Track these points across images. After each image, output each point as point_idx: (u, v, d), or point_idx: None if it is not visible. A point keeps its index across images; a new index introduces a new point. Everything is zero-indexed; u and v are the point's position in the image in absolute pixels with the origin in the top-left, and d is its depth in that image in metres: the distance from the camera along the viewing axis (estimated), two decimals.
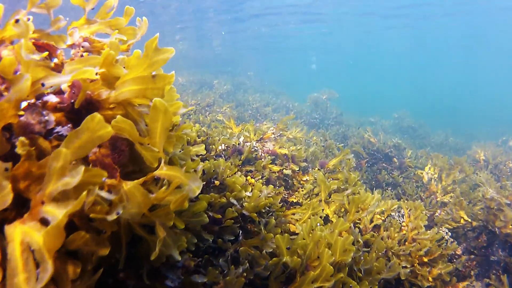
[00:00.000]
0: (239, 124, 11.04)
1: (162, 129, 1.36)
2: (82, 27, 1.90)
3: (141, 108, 1.63)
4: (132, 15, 2.02)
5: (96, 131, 1.15)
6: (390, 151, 8.98)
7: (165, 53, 1.46)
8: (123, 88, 1.43)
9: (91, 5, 1.91)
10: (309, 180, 4.90)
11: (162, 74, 1.42)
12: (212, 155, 5.05)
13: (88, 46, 1.84)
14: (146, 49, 1.42)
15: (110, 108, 1.57)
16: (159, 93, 1.44)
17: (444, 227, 5.96)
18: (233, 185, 3.08)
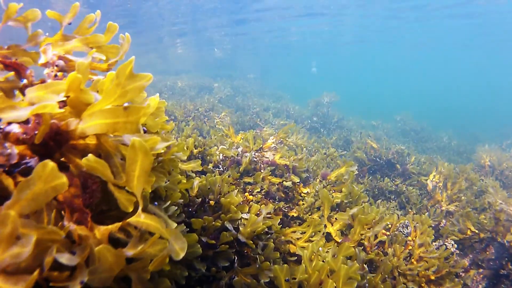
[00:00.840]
0: (239, 131, 10.88)
1: (141, 172, 1.17)
2: (57, 43, 1.71)
3: (118, 137, 1.44)
4: (115, 32, 1.83)
5: (49, 182, 0.96)
6: (393, 157, 8.77)
7: (141, 80, 1.27)
8: (90, 122, 1.24)
9: (67, 20, 1.72)
10: (310, 193, 4.70)
11: (135, 106, 1.23)
12: (210, 168, 4.86)
13: (62, 65, 1.65)
14: (118, 75, 1.23)
15: (82, 137, 1.38)
16: (132, 127, 1.24)
17: (450, 238, 5.77)
18: (229, 206, 2.89)
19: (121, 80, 1.24)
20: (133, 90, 1.26)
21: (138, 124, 1.24)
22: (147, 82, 1.28)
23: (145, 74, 1.28)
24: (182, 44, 33.32)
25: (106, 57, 1.86)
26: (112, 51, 1.84)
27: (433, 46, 40.88)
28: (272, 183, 4.73)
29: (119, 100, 1.25)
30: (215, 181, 3.15)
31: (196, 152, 4.86)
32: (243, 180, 4.74)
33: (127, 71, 1.23)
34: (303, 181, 5.18)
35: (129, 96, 1.26)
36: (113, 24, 1.79)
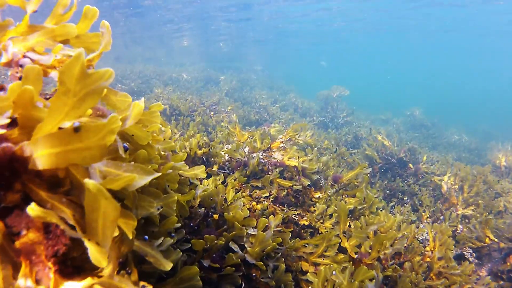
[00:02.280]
0: (245, 125, 10.58)
1: (106, 222, 0.87)
2: (19, 37, 1.40)
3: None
4: (95, 19, 1.52)
5: None
6: (405, 155, 8.43)
7: (98, 80, 0.95)
8: (36, 153, 0.94)
9: (33, 6, 1.41)
10: (322, 198, 4.40)
11: (91, 125, 0.91)
12: (215, 170, 4.58)
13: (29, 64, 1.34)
14: (64, 80, 0.91)
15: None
16: (93, 155, 0.93)
17: (468, 246, 5.46)
18: (233, 221, 2.60)
19: (70, 85, 0.92)
20: (90, 97, 0.95)
21: (102, 149, 0.94)
22: (108, 81, 0.97)
23: (103, 70, 0.96)
24: (188, 35, 32.89)
25: (88, 51, 1.55)
26: (93, 40, 1.53)
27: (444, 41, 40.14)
28: (281, 187, 4.44)
29: (71, 115, 0.94)
30: (218, 192, 2.86)
31: (200, 153, 4.57)
32: (250, 183, 4.46)
33: (75, 71, 0.92)
34: (314, 183, 4.88)
35: (85, 107, 0.95)
36: (91, 8, 1.48)
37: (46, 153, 0.94)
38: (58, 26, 1.41)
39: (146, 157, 1.48)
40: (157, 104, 2.02)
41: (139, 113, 1.34)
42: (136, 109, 1.34)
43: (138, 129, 1.46)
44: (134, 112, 1.33)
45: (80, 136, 0.93)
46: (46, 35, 1.40)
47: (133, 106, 1.34)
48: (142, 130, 1.47)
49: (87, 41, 1.52)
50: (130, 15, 24.08)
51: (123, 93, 1.45)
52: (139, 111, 1.33)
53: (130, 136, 1.47)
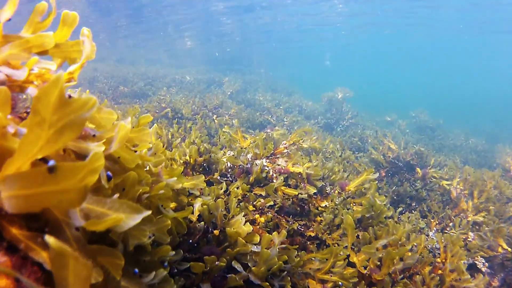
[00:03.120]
0: (249, 128, 10.41)
1: (77, 281, 0.71)
2: None
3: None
4: (75, 25, 1.35)
5: None
6: (412, 159, 8.24)
7: (80, 110, 0.80)
8: (3, 192, 0.77)
9: (6, 14, 1.25)
10: (329, 207, 4.22)
11: (68, 165, 0.75)
12: (216, 177, 4.40)
13: (3, 80, 1.19)
14: (38, 110, 0.76)
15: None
16: (69, 199, 0.77)
17: (480, 255, 5.26)
18: (236, 237, 2.42)
19: (46, 115, 0.76)
20: (69, 130, 0.79)
21: (82, 192, 0.77)
22: (89, 110, 0.81)
23: (85, 98, 0.80)
24: (190, 36, 32.77)
25: (69, 61, 1.38)
26: (74, 49, 1.36)
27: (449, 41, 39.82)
28: (285, 195, 4.26)
29: (46, 150, 0.78)
30: (218, 206, 2.68)
31: (200, 160, 4.40)
32: (253, 192, 4.28)
33: (52, 99, 0.76)
34: (319, 190, 4.70)
35: (63, 140, 0.79)
36: (71, 13, 1.31)
37: (15, 195, 0.78)
38: (33, 36, 1.25)
39: (135, 180, 1.32)
40: (146, 116, 1.86)
41: (125, 136, 1.17)
42: (122, 131, 1.17)
43: (125, 151, 1.29)
44: (120, 134, 1.17)
45: (56, 177, 0.77)
46: (20, 46, 1.23)
47: (119, 128, 1.18)
48: (130, 152, 1.30)
49: (68, 50, 1.35)
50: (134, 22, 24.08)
51: (107, 110, 1.29)
52: (125, 133, 1.17)
53: (116, 158, 1.30)
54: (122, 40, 33.71)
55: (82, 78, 15.04)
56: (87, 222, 0.86)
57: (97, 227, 0.87)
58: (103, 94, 12.18)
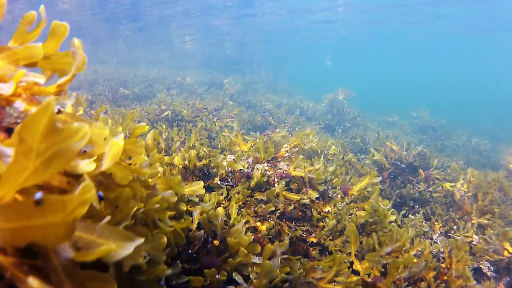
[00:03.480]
0: (250, 130, 10.33)
1: None
2: None
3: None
4: (65, 36, 1.28)
5: None
6: (415, 160, 8.15)
7: (70, 139, 0.73)
8: None
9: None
10: (331, 212, 4.14)
11: (60, 198, 0.69)
12: (216, 182, 4.33)
13: None
14: (25, 138, 0.69)
15: None
16: (57, 234, 0.71)
17: (485, 259, 5.18)
18: (237, 247, 2.35)
19: (33, 143, 0.70)
20: (57, 160, 0.72)
21: (70, 226, 0.71)
22: (82, 140, 0.74)
23: (77, 126, 0.74)
24: (191, 38, 32.71)
25: (59, 73, 1.31)
26: (65, 61, 1.29)
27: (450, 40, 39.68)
28: (287, 200, 4.19)
29: (32, 181, 0.71)
30: (217, 215, 2.61)
31: (200, 165, 4.33)
32: (254, 197, 4.21)
33: (40, 127, 0.69)
34: (321, 193, 4.63)
35: (50, 171, 0.72)
36: (61, 24, 1.24)
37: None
38: (21, 48, 1.18)
39: (129, 196, 1.25)
40: (141, 125, 1.79)
41: (118, 154, 1.10)
42: (114, 149, 1.10)
43: (118, 168, 1.22)
44: (112, 152, 1.10)
45: (43, 210, 0.71)
46: (7, 58, 1.16)
47: (111, 145, 1.11)
48: (122, 169, 1.23)
49: (58, 61, 1.28)
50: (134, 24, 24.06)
51: (99, 124, 1.22)
52: (117, 151, 1.10)
53: (108, 174, 1.23)
54: (123, 42, 33.68)
55: (82, 80, 15.00)
56: (75, 254, 0.80)
57: (86, 258, 0.81)
58: (103, 96, 12.11)
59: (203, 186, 4.37)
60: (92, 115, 8.33)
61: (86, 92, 12.19)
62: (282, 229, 3.68)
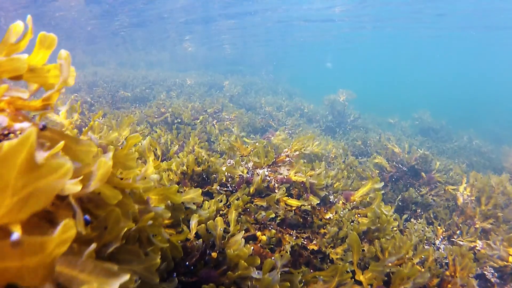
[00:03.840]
0: (250, 133, 10.26)
1: None
2: None
3: None
4: (53, 47, 1.20)
5: None
6: (417, 163, 8.07)
7: (50, 175, 0.65)
8: None
9: None
10: (333, 219, 4.06)
11: (38, 240, 0.61)
12: (215, 188, 4.25)
13: None
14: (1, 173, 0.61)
15: None
16: (35, 276, 0.63)
17: (489, 265, 5.09)
18: (237, 260, 2.27)
19: (9, 179, 0.62)
20: (36, 198, 0.65)
21: (49, 269, 0.63)
22: (64, 178, 0.67)
23: (58, 162, 0.66)
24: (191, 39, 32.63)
25: (46, 87, 1.24)
26: (52, 74, 1.21)
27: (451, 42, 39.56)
28: (288, 206, 4.10)
29: (7, 219, 0.64)
30: (216, 225, 2.53)
31: (199, 170, 4.25)
32: (254, 203, 4.13)
33: (18, 161, 0.62)
34: (322, 199, 4.55)
35: (27, 211, 0.65)
36: (48, 35, 1.16)
37: None
38: (5, 60, 1.10)
39: (118, 217, 1.16)
40: (135, 136, 1.71)
41: (106, 174, 1.02)
42: (102, 169, 1.02)
43: (107, 187, 1.14)
44: (101, 172, 1.02)
45: (20, 252, 0.63)
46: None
47: (99, 165, 1.03)
48: (112, 188, 1.15)
49: (44, 75, 1.20)
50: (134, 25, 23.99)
51: (86, 141, 1.14)
52: (106, 171, 1.02)
53: (97, 194, 1.15)
54: (122, 43, 33.62)
55: (81, 82, 14.91)
56: None
57: None
58: (102, 98, 12.03)
59: (201, 192, 4.30)
60: (91, 118, 8.25)
61: (86, 95, 12.11)
62: (283, 237, 3.59)
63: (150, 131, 7.81)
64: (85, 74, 17.36)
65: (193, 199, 2.82)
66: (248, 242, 3.38)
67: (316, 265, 3.64)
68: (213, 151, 7.52)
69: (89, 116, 8.35)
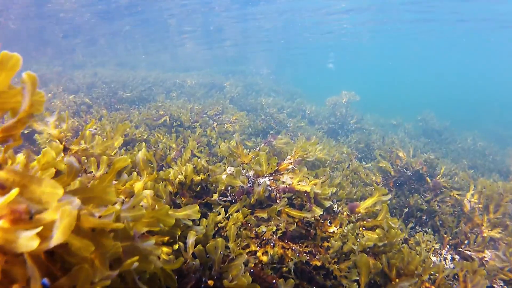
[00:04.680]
0: (251, 135, 10.06)
1: None
2: None
3: None
4: (17, 69, 1.01)
5: None
6: (421, 167, 7.87)
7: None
8: None
9: None
10: (337, 233, 3.86)
11: None
12: (215, 199, 4.05)
13: None
14: None
15: None
16: None
17: (498, 278, 4.90)
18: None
19: None
20: None
21: None
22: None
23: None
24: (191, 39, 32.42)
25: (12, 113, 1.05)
26: (17, 99, 1.03)
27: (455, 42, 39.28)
28: (290, 218, 3.91)
29: None
30: (216, 247, 2.34)
31: (198, 180, 4.06)
32: (255, 214, 3.94)
33: None
34: (326, 210, 4.36)
35: None
36: (12, 55, 0.97)
37: None
38: None
39: (88, 276, 0.97)
40: (122, 159, 1.52)
41: (70, 226, 0.84)
42: (65, 220, 0.84)
43: (75, 238, 0.95)
44: (64, 224, 0.83)
45: None
46: None
47: (62, 215, 0.84)
48: (81, 239, 0.96)
49: (9, 100, 1.01)
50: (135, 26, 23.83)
51: (50, 182, 0.95)
52: (70, 222, 0.83)
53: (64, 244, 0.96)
54: (122, 43, 33.43)
55: (80, 83, 14.72)
56: None
57: None
58: (100, 99, 11.85)
59: (200, 203, 4.11)
60: (88, 121, 8.07)
61: (84, 96, 11.91)
62: (285, 253, 3.40)
63: (149, 134, 7.62)
64: (85, 75, 17.16)
65: (189, 215, 2.64)
66: (248, 259, 3.19)
67: (319, 282, 3.45)
68: (213, 155, 7.34)
69: (86, 119, 8.17)
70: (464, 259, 5.52)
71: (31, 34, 26.83)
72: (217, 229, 3.62)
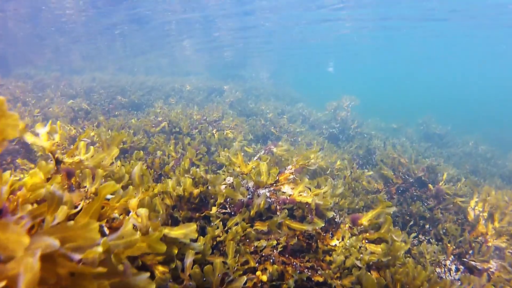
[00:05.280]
0: (251, 141, 9.94)
1: None
2: None
3: None
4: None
5: None
6: (424, 174, 7.76)
7: None
8: None
9: None
10: (339, 247, 3.74)
11: None
12: (214, 213, 3.93)
13: None
14: None
15: None
16: None
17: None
18: None
19: None
20: None
21: None
22: None
23: None
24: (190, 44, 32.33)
25: None
26: None
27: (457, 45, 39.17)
28: (291, 234, 3.78)
29: None
30: (214, 268, 2.23)
31: (196, 192, 3.94)
32: (254, 227, 3.81)
33: None
34: (328, 220, 4.24)
35: None
36: None
37: None
38: None
39: None
40: (109, 185, 1.41)
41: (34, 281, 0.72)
42: (28, 273, 0.73)
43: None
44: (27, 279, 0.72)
45: None
46: None
47: (25, 268, 0.72)
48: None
49: None
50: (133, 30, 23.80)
51: (15, 229, 0.83)
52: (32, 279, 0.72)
53: None
54: (121, 48, 33.35)
55: (79, 88, 14.62)
56: None
57: None
58: (99, 105, 11.74)
59: (198, 216, 3.98)
60: (85, 127, 7.96)
61: (82, 101, 11.80)
62: (285, 269, 3.28)
63: (148, 142, 7.50)
64: (83, 80, 17.08)
65: (186, 235, 2.52)
66: (247, 275, 3.07)
67: None
68: (212, 163, 7.23)
69: (83, 125, 8.06)
70: (469, 270, 5.39)
71: (29, 38, 26.76)
72: (216, 243, 3.50)
